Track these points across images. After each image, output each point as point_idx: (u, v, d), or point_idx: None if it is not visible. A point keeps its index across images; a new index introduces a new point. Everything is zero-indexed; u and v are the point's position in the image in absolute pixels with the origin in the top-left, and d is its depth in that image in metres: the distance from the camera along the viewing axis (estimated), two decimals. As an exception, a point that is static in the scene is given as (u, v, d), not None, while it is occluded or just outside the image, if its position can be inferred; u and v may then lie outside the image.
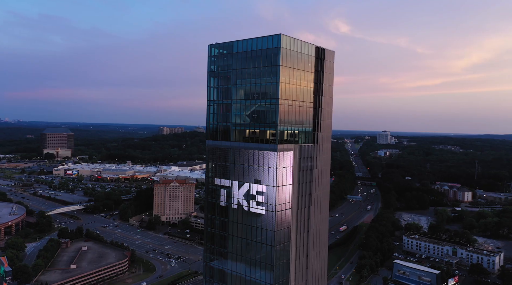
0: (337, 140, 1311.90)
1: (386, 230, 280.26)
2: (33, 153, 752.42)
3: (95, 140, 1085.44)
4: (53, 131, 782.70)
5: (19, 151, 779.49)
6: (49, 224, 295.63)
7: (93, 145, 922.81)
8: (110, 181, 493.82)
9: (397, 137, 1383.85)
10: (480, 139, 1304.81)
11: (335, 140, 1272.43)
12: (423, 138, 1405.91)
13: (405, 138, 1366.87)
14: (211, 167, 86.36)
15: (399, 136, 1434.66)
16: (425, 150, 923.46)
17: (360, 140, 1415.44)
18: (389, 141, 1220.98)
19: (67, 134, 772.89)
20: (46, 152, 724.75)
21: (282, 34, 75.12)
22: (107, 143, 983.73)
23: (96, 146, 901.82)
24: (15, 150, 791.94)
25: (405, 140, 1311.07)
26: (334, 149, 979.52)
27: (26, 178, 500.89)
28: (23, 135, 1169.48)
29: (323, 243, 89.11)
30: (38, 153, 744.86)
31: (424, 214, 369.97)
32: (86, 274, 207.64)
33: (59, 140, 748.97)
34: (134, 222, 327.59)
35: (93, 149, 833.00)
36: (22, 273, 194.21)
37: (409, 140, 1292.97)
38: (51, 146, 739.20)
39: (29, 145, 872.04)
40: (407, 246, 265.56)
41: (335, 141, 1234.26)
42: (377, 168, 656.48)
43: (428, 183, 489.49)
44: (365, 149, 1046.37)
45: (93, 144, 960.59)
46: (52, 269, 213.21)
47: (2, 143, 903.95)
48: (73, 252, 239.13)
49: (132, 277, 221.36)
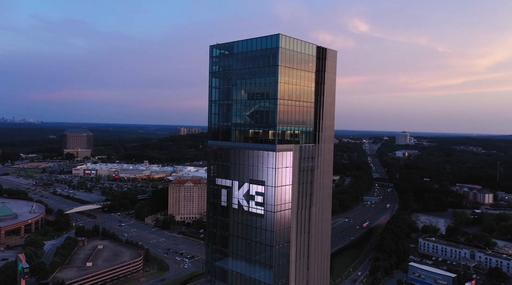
0: (355, 141, 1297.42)
1: (402, 232, 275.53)
2: (54, 152, 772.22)
3: (114, 140, 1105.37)
4: (74, 132, 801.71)
5: (41, 151, 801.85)
6: (67, 223, 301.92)
7: (112, 145, 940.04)
8: (127, 180, 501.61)
9: (416, 138, 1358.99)
10: (504, 140, 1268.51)
11: (353, 141, 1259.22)
12: (444, 139, 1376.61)
13: (425, 139, 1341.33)
14: (212, 167, 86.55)
15: (419, 137, 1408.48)
16: (446, 150, 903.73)
17: (378, 141, 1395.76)
18: (408, 142, 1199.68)
19: (87, 135, 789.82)
20: (66, 152, 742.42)
21: (280, 34, 74.69)
22: (126, 143, 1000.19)
23: (115, 146, 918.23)
24: (37, 150, 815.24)
25: (425, 141, 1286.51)
26: (351, 149, 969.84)
27: (46, 177, 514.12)
28: (46, 136, 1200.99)
29: (325, 244, 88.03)
30: (59, 153, 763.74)
31: (443, 216, 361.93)
32: (101, 272, 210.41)
33: (79, 140, 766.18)
34: (150, 221, 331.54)
35: (112, 149, 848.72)
36: (40, 270, 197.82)
37: (429, 141, 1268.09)
38: (71, 146, 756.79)
39: (51, 145, 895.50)
40: (423, 248, 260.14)
41: (353, 142, 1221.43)
42: (395, 169, 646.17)
43: (447, 184, 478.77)
44: (383, 150, 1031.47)
45: (112, 144, 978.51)
46: (68, 267, 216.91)
47: (25, 143, 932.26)
48: (89, 250, 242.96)
49: (146, 275, 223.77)
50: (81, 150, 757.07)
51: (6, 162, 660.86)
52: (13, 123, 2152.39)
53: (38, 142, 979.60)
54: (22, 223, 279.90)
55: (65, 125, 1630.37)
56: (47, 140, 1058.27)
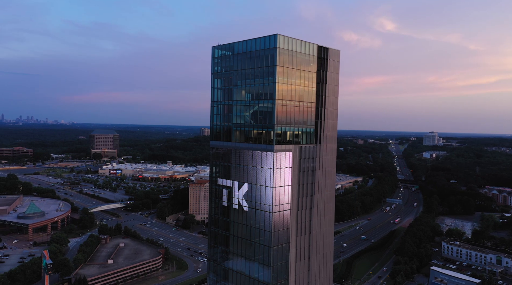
0: (380, 141, 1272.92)
1: (425, 235, 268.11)
2: (82, 153, 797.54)
3: (140, 141, 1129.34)
4: (101, 133, 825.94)
5: (71, 151, 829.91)
6: (92, 221, 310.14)
7: (138, 146, 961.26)
8: (151, 180, 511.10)
9: (445, 138, 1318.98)
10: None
11: (378, 142, 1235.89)
12: (475, 139, 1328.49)
13: (454, 140, 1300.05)
14: (214, 167, 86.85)
15: (448, 138, 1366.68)
16: (476, 151, 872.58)
17: (405, 141, 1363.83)
18: (437, 142, 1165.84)
19: (113, 136, 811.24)
20: (94, 152, 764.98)
21: (278, 34, 74.20)
22: (151, 144, 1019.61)
23: (140, 147, 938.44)
24: (67, 150, 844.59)
25: (454, 142, 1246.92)
26: (376, 150, 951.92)
27: (74, 177, 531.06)
28: (76, 137, 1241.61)
29: (327, 246, 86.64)
30: (86, 153, 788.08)
31: (469, 219, 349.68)
32: (122, 269, 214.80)
33: (106, 141, 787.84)
34: (170, 221, 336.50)
35: (137, 150, 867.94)
36: (63, 266, 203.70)
37: (459, 142, 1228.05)
38: (98, 147, 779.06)
39: (80, 145, 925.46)
40: (447, 252, 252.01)
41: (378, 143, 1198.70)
42: (421, 170, 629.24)
43: (475, 187, 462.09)
44: (410, 151, 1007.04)
45: (138, 144, 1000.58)
46: (91, 264, 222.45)
47: (56, 144, 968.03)
48: (111, 247, 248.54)
49: (165, 274, 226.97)
50: (108, 150, 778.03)
51: (37, 161, 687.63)
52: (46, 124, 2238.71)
53: (68, 142, 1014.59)
54: (48, 220, 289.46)
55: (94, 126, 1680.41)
56: (77, 141, 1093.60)
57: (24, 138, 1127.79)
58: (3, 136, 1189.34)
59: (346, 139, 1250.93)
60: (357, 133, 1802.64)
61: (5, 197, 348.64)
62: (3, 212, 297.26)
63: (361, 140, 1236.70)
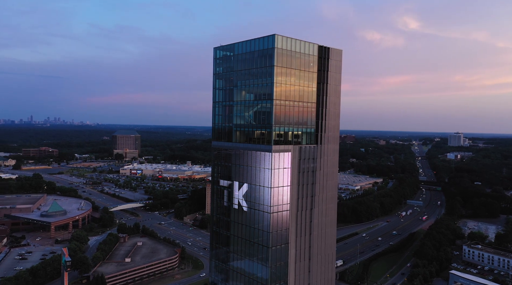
0: (403, 142, 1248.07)
1: (445, 238, 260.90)
2: (105, 153, 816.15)
3: (161, 141, 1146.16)
4: (123, 134, 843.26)
5: (95, 151, 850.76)
6: (111, 220, 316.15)
7: (159, 146, 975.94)
8: (170, 180, 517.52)
9: (471, 139, 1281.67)
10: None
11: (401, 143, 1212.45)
12: (503, 140, 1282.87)
13: (481, 141, 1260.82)
14: (216, 167, 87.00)
15: (474, 138, 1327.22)
16: (504, 152, 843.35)
17: (429, 142, 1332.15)
18: (462, 143, 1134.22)
19: (135, 136, 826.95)
20: (116, 152, 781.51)
21: (276, 35, 73.90)
22: (172, 144, 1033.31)
23: (161, 147, 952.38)
24: (91, 150, 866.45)
25: (480, 142, 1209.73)
26: (398, 151, 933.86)
27: (96, 176, 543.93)
28: (100, 137, 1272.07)
29: (329, 247, 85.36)
30: (109, 153, 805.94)
31: (494, 222, 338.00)
32: (139, 268, 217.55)
33: (127, 141, 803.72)
34: (188, 221, 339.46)
35: (158, 150, 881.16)
36: (82, 264, 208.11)
37: (486, 143, 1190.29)
38: (120, 147, 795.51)
39: (103, 146, 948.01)
40: (468, 256, 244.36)
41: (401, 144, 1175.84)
42: (445, 171, 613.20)
43: (501, 189, 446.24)
44: (433, 152, 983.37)
45: (159, 145, 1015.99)
46: (109, 262, 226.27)
47: (81, 144, 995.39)
48: (129, 246, 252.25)
49: (181, 273, 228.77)
50: (129, 151, 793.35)
51: (62, 161, 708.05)
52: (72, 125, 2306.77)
53: (92, 143, 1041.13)
54: (70, 219, 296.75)
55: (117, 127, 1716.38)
56: (101, 141, 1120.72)
57: (51, 139, 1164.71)
58: (32, 137, 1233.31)
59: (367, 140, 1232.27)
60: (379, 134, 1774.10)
61: (30, 196, 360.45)
62: (27, 210, 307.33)
63: (383, 141, 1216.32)
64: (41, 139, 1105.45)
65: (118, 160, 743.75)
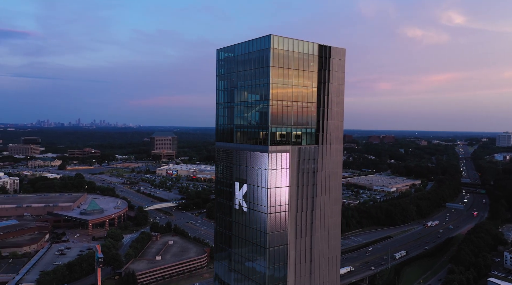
0: (447, 142, 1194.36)
1: (485, 243, 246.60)
2: (144, 154, 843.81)
3: (198, 142, 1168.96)
4: (160, 135, 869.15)
5: (135, 152, 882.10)
6: (145, 218, 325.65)
7: (196, 147, 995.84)
8: (204, 180, 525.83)
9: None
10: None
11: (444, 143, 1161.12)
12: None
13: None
14: (219, 167, 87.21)
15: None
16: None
17: (475, 142, 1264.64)
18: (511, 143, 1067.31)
19: (172, 138, 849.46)
20: (154, 153, 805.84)
21: (272, 35, 73.52)
22: (209, 145, 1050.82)
23: (198, 148, 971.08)
24: (131, 151, 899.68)
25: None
26: (441, 151, 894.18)
27: (134, 176, 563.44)
28: (141, 139, 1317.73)
29: (333, 249, 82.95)
30: (148, 154, 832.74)
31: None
32: (168, 266, 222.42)
33: (165, 143, 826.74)
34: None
35: (194, 151, 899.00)
36: (115, 261, 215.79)
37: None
38: (158, 148, 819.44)
39: (143, 147, 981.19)
40: (510, 263, 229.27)
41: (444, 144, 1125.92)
42: (491, 173, 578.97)
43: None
44: (479, 152, 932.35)
45: (196, 146, 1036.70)
46: (141, 259, 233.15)
47: (123, 146, 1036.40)
48: (161, 244, 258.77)
49: (209, 272, 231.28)
50: (167, 152, 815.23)
51: (103, 162, 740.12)
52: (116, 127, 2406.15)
53: (133, 144, 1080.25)
54: (106, 217, 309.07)
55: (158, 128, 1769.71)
56: (141, 143, 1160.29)
57: (96, 140, 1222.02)
58: (79, 138, 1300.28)
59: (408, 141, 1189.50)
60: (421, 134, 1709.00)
61: (71, 195, 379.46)
62: (68, 208, 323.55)
63: (424, 141, 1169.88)
64: (86, 141, 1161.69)
65: (156, 161, 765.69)
